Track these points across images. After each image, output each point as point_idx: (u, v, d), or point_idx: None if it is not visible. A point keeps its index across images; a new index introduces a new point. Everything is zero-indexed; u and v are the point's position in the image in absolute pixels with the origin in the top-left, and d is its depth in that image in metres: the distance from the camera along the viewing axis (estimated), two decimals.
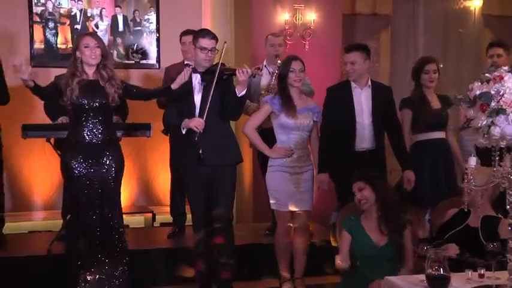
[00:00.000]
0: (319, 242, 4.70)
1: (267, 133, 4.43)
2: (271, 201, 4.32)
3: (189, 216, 5.13)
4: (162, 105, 5.01)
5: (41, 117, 4.87)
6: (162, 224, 5.68)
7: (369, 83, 4.41)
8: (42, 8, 6.26)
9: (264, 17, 6.03)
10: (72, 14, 6.36)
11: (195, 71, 4.14)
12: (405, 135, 4.60)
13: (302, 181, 4.26)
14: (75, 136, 3.93)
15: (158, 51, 6.53)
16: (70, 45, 6.19)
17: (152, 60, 6.57)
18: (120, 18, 6.52)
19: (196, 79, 4.12)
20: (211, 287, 4.25)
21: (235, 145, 4.22)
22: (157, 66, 6.47)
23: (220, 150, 4.07)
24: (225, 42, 4.10)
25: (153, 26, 6.55)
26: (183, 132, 4.07)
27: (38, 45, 6.27)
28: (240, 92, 4.01)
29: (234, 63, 6.33)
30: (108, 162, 3.94)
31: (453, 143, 4.72)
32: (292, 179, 4.23)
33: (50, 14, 6.28)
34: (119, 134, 4.24)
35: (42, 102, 4.50)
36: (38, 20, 6.26)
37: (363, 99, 4.37)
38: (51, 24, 6.29)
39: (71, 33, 6.26)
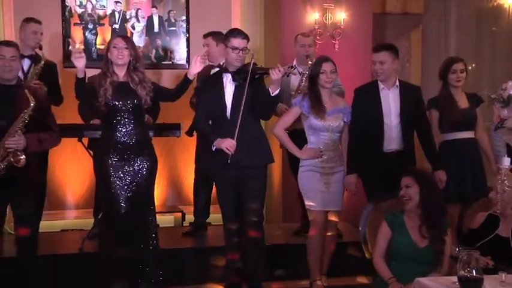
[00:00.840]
0: (347, 241, 4.69)
1: (298, 134, 4.42)
2: (305, 201, 4.31)
3: (212, 216, 5.19)
4: (194, 106, 5.05)
5: (73, 117, 4.94)
6: (192, 224, 5.71)
7: (397, 83, 4.37)
8: (83, 9, 6.34)
9: (293, 16, 6.02)
10: (111, 15, 6.41)
11: (226, 70, 4.14)
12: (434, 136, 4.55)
13: (333, 182, 4.24)
14: (108, 136, 3.98)
15: (188, 52, 6.55)
16: None
17: (182, 60, 6.60)
18: (155, 19, 6.56)
19: (228, 79, 4.12)
20: (241, 286, 4.25)
21: (266, 146, 4.22)
22: (187, 67, 6.49)
23: (251, 151, 4.07)
24: (253, 54, 4.10)
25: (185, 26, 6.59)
26: (213, 149, 4.07)
27: (78, 45, 6.33)
28: (274, 91, 4.00)
29: (263, 64, 6.33)
30: (141, 162, 3.98)
31: (484, 142, 4.63)
32: (322, 179, 4.23)
33: (90, 15, 6.36)
34: (150, 134, 4.27)
35: (77, 102, 4.56)
36: (78, 21, 6.34)
37: (390, 100, 4.33)
38: (90, 26, 6.37)
39: (110, 35, 6.31)
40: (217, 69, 4.94)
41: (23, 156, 3.67)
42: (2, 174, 3.69)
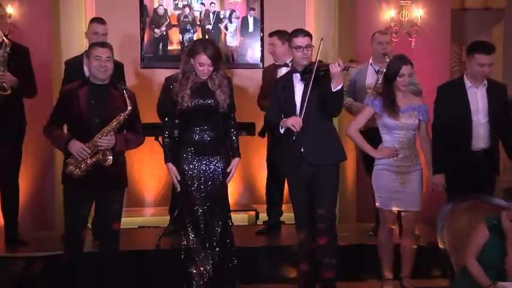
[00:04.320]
0: (425, 244, 4.58)
1: (373, 132, 4.36)
2: (376, 200, 4.26)
3: (285, 215, 5.18)
4: (264, 109, 5.08)
5: (150, 116, 5.05)
6: (265, 222, 5.73)
7: (485, 81, 4.25)
8: (179, 11, 6.50)
9: (368, 14, 5.94)
10: (205, 16, 6.53)
11: (295, 70, 4.14)
12: None
13: (409, 181, 4.16)
14: (184, 136, 4.03)
15: (262, 51, 6.58)
16: None
17: (256, 60, 6.64)
18: (250, 20, 6.63)
19: (297, 78, 4.11)
20: (314, 286, 4.23)
21: (338, 143, 4.17)
22: (261, 66, 6.52)
23: (322, 149, 4.04)
24: (322, 39, 4.04)
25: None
26: (281, 131, 4.08)
27: (176, 46, 6.48)
28: (335, 86, 3.92)
29: None
30: (216, 160, 4.01)
31: None
32: (398, 179, 4.15)
33: (185, 16, 6.50)
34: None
35: (154, 102, 4.66)
36: (176, 23, 6.50)
37: (478, 98, 4.22)
38: (187, 27, 6.51)
39: (203, 35, 6.41)
40: (283, 68, 4.96)
41: (111, 157, 3.80)
42: (88, 170, 3.82)
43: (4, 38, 4.52)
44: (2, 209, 4.89)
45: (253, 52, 6.65)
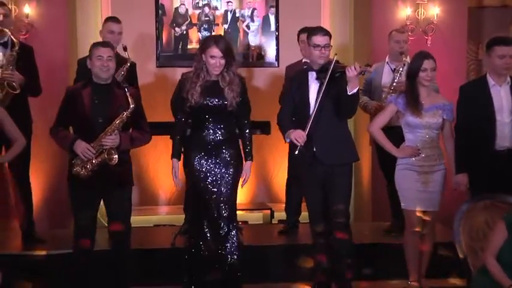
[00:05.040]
0: (441, 243, 4.55)
1: (394, 131, 4.33)
2: (401, 200, 4.21)
3: (303, 214, 5.16)
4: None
5: (164, 115, 5.06)
6: (280, 221, 5.72)
7: (508, 79, 4.22)
8: (199, 10, 6.51)
9: (384, 12, 5.92)
10: (224, 15, 6.54)
11: (310, 68, 4.12)
12: None
13: (431, 181, 4.11)
14: (197, 134, 4.05)
15: (277, 50, 6.58)
16: None
17: (271, 59, 6.63)
18: (272, 19, 6.63)
19: (312, 77, 4.09)
20: (330, 285, 4.22)
21: (351, 144, 4.16)
22: (277, 65, 6.52)
23: (335, 149, 4.02)
24: (336, 54, 4.03)
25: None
26: (287, 141, 4.08)
27: (195, 45, 6.49)
28: (351, 90, 3.89)
29: (353, 60, 6.26)
30: (226, 160, 4.02)
31: None
32: (420, 178, 4.10)
33: (206, 15, 6.52)
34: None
35: (168, 100, 4.68)
36: (195, 21, 6.50)
37: (502, 96, 4.18)
38: (206, 26, 6.52)
39: (223, 34, 6.42)
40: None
41: (116, 156, 3.81)
42: (95, 170, 3.84)
43: (12, 37, 4.56)
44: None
45: (269, 51, 6.64)
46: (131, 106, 3.86)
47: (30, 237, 4.86)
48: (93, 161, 3.83)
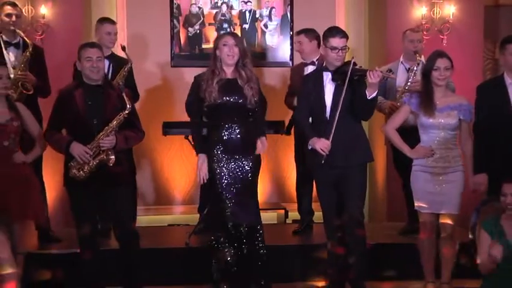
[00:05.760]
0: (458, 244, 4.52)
1: (407, 132, 4.29)
2: (415, 202, 4.17)
3: (317, 214, 5.16)
4: (289, 105, 5.06)
5: (179, 114, 5.08)
6: (295, 221, 5.71)
7: None
8: (217, 10, 6.51)
9: (399, 12, 5.89)
10: (241, 14, 6.53)
11: (326, 69, 4.09)
12: None
13: (446, 182, 4.04)
14: (213, 134, 4.03)
15: (291, 49, 6.56)
16: None
17: (285, 58, 6.62)
18: (290, 18, 6.61)
19: (328, 78, 4.07)
20: (343, 285, 4.21)
21: (366, 144, 4.14)
22: (291, 64, 6.51)
23: (349, 150, 4.00)
24: (353, 57, 4.01)
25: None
26: (309, 148, 4.05)
27: (211, 44, 6.47)
28: (371, 94, 3.89)
29: (367, 60, 6.25)
30: (246, 160, 4.02)
31: None
32: (433, 180, 4.05)
33: (223, 15, 6.52)
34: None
35: (183, 100, 4.69)
36: (212, 21, 6.51)
37: None
38: (224, 25, 6.53)
39: (241, 33, 6.42)
40: (310, 66, 4.93)
41: (113, 156, 3.80)
42: (93, 171, 3.83)
43: (25, 38, 4.60)
44: None
45: (284, 50, 6.63)
46: (128, 107, 3.86)
47: (46, 236, 4.89)
48: (91, 163, 3.82)
